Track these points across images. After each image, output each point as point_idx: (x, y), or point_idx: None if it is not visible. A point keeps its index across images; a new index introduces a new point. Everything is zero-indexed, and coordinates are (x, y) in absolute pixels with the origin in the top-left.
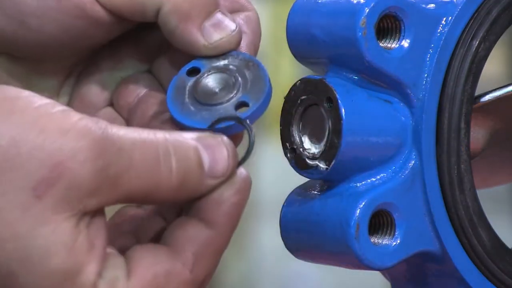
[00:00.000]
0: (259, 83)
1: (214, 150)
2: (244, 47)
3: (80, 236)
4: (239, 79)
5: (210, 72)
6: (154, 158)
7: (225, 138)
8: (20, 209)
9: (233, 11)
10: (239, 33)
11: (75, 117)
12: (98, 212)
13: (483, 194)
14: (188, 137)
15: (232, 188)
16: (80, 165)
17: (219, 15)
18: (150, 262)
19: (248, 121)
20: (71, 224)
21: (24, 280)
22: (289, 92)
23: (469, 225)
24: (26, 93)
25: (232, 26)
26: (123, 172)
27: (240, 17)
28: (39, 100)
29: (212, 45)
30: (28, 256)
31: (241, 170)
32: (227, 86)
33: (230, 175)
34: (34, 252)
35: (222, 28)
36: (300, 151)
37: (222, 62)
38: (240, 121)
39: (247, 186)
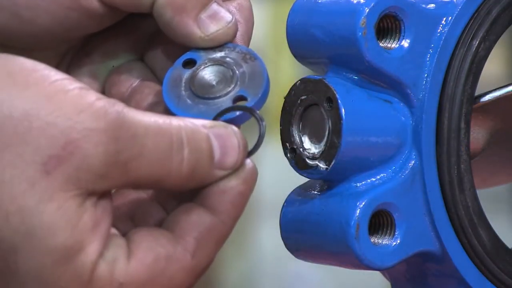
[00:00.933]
0: (257, 76)
1: (225, 141)
2: (238, 37)
3: (85, 215)
4: (237, 72)
5: (207, 65)
6: (167, 147)
7: (236, 128)
8: (27, 183)
9: None
10: (235, 24)
11: (92, 97)
12: (105, 194)
13: (483, 194)
14: (200, 124)
15: (238, 178)
16: (93, 146)
17: (214, 6)
18: (151, 244)
19: (258, 112)
20: (77, 202)
21: (26, 255)
22: (289, 92)
23: (469, 225)
24: (42, 66)
25: (228, 17)
26: (135, 158)
27: (233, 5)
28: (56, 75)
29: (209, 37)
30: (32, 231)
31: (248, 161)
32: (224, 79)
33: (239, 167)
34: (38, 227)
35: (218, 19)
36: (300, 151)
37: (218, 54)
38: (250, 111)
39: (253, 177)
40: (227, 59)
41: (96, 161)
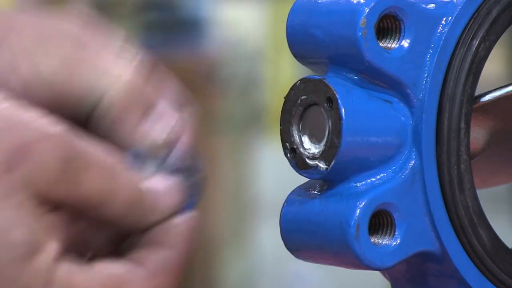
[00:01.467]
0: (193, 182)
1: (164, 184)
2: (181, 144)
3: (42, 218)
4: (175, 176)
5: (146, 168)
6: (113, 163)
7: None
8: None
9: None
10: (179, 130)
11: (33, 112)
12: (58, 208)
13: (483, 194)
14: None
15: (181, 215)
16: (48, 150)
17: (158, 111)
18: (111, 261)
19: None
20: (33, 204)
21: None
22: (289, 92)
23: (469, 225)
24: None
25: (171, 122)
26: (87, 168)
27: (178, 117)
28: None
29: (151, 142)
30: None
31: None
32: None
33: (178, 209)
34: None
35: (161, 125)
36: (300, 151)
37: (159, 159)
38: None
39: (194, 218)
40: (167, 163)
41: (49, 165)
